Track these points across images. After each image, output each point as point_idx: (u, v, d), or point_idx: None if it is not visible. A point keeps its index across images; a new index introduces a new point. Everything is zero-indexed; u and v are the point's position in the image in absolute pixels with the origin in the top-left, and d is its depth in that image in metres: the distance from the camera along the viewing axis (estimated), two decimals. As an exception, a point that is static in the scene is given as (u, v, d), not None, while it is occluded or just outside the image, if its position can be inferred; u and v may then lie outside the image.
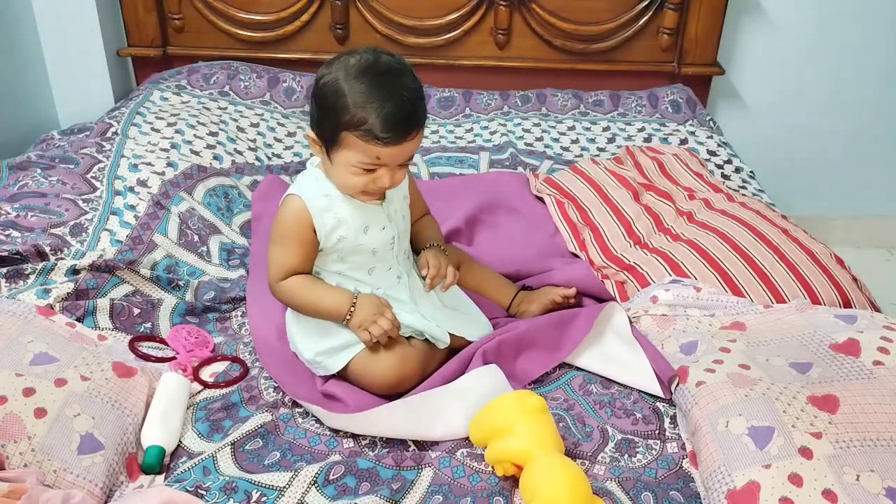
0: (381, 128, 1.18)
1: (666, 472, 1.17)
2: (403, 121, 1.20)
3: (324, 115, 1.24)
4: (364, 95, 1.19)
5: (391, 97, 1.19)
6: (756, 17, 2.50)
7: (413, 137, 1.22)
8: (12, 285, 1.43)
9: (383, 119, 1.18)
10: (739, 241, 1.61)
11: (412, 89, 1.22)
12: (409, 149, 1.24)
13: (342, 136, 1.22)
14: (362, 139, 1.20)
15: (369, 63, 1.22)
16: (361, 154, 1.21)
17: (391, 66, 1.23)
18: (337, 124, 1.21)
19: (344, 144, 1.22)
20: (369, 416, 1.20)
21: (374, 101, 1.18)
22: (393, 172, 1.24)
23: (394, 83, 1.21)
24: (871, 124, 2.68)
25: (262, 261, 1.64)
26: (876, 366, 1.20)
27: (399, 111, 1.19)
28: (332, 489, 1.09)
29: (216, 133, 2.09)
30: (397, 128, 1.19)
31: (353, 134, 1.20)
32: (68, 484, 1.07)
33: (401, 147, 1.21)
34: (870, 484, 1.04)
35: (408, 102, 1.20)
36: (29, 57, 2.31)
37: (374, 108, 1.18)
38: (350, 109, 1.19)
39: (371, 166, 1.23)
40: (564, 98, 2.41)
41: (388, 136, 1.19)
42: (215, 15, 2.40)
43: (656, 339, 1.40)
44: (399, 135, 1.20)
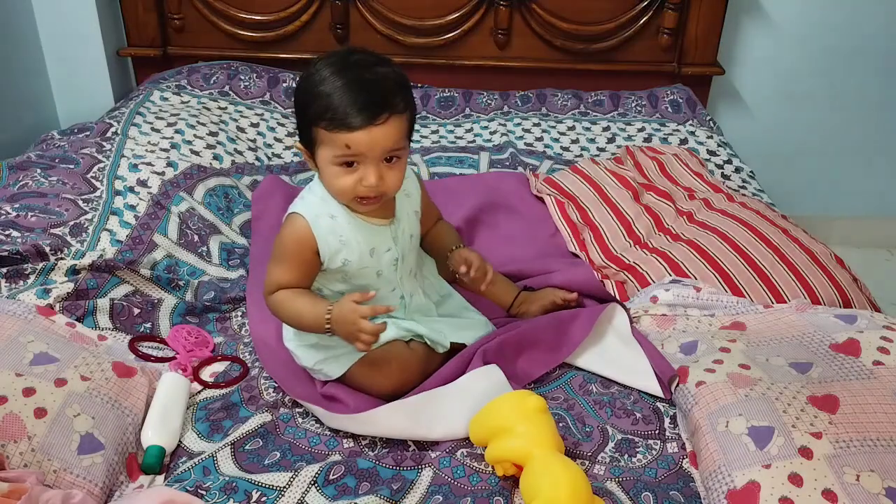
0: (343, 111, 1.14)
1: (666, 472, 1.17)
2: (369, 102, 1.14)
3: (299, 116, 1.22)
4: (330, 83, 1.16)
5: (355, 80, 1.15)
6: (756, 17, 2.50)
7: (383, 122, 1.15)
8: (12, 285, 1.43)
9: (346, 101, 1.14)
10: (739, 241, 1.61)
11: (382, 73, 1.17)
12: (381, 136, 1.16)
13: (314, 132, 1.18)
14: (329, 128, 1.16)
15: (339, 57, 1.19)
16: (332, 146, 1.17)
17: (363, 58, 1.20)
18: (308, 121, 1.18)
19: (318, 142, 1.19)
20: (369, 417, 1.20)
21: (337, 87, 1.15)
22: (377, 168, 1.18)
23: (361, 70, 1.17)
24: (871, 124, 2.68)
25: (262, 261, 1.64)
26: (876, 366, 1.20)
27: (362, 92, 1.14)
28: (332, 489, 1.09)
29: (216, 133, 2.09)
30: (362, 110, 1.13)
31: (321, 126, 1.16)
32: (68, 484, 1.07)
33: (369, 132, 1.15)
34: (870, 484, 1.04)
35: (374, 84, 1.15)
36: (29, 57, 2.31)
37: (336, 93, 1.14)
38: (317, 101, 1.16)
39: (346, 158, 1.17)
40: (564, 98, 2.41)
41: (352, 119, 1.13)
42: (215, 15, 2.40)
43: (656, 339, 1.40)
44: (365, 118, 1.14)
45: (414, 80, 2.44)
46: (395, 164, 1.21)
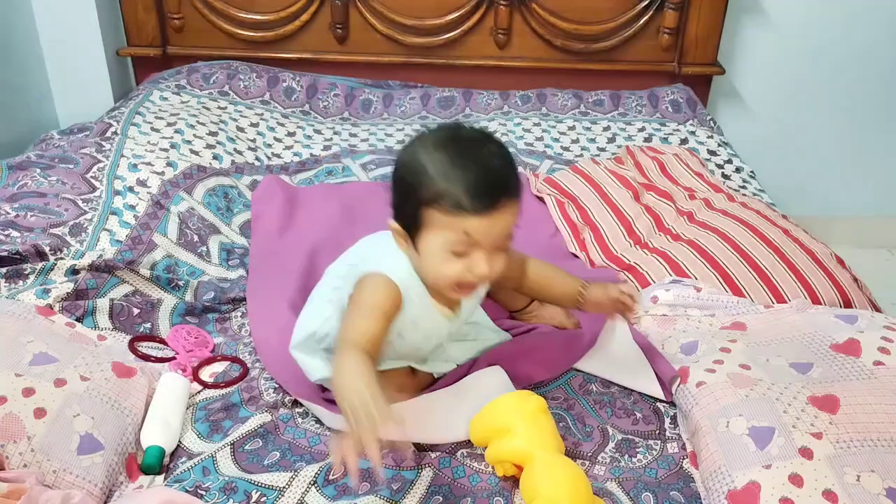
0: (467, 194, 1.03)
1: (666, 473, 1.17)
2: (492, 186, 1.05)
3: (403, 197, 1.10)
4: (446, 164, 1.05)
5: (477, 161, 1.06)
6: (756, 17, 2.50)
7: (506, 207, 1.06)
8: (12, 285, 1.43)
9: (469, 184, 1.04)
10: (740, 240, 1.61)
11: (500, 155, 1.09)
12: (502, 223, 1.07)
13: (424, 214, 1.07)
14: (447, 213, 1.04)
15: (449, 134, 1.10)
16: (448, 232, 1.06)
17: (474, 134, 1.12)
18: (418, 202, 1.07)
19: (428, 225, 1.07)
20: None
21: (457, 167, 1.05)
22: (490, 257, 1.08)
23: (478, 149, 1.08)
24: (872, 124, 2.68)
25: (261, 261, 1.64)
26: (876, 366, 1.20)
27: (487, 175, 1.05)
28: (332, 489, 1.09)
29: (216, 133, 2.09)
30: (486, 194, 1.04)
31: (436, 209, 1.05)
32: (68, 484, 1.07)
33: (492, 219, 1.05)
34: (870, 484, 1.03)
35: (496, 167, 1.07)
36: (29, 57, 2.31)
37: (457, 175, 1.04)
38: (431, 182, 1.05)
39: (462, 247, 1.07)
40: (565, 98, 2.41)
41: (476, 203, 1.03)
42: (215, 15, 2.40)
43: (657, 340, 1.40)
44: (489, 202, 1.04)
45: (414, 79, 2.47)
46: (503, 253, 1.11)
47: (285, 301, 1.47)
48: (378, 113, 2.37)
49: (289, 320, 1.42)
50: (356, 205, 1.85)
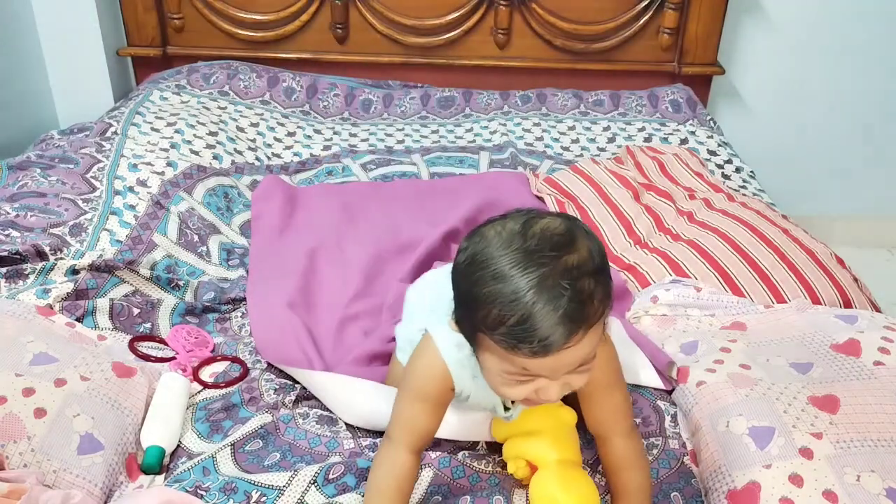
0: (523, 336, 0.84)
1: (667, 472, 1.16)
2: (563, 322, 0.84)
3: (457, 303, 0.94)
4: (501, 283, 0.85)
5: (542, 289, 0.84)
6: (756, 17, 2.50)
7: (576, 342, 0.86)
8: (12, 285, 1.43)
9: (533, 321, 0.84)
10: (740, 240, 1.61)
11: (576, 268, 0.86)
12: (571, 357, 0.88)
13: (479, 336, 0.91)
14: (501, 346, 0.87)
15: (516, 233, 0.88)
16: (504, 362, 0.90)
17: (551, 237, 0.87)
18: (471, 320, 0.90)
19: (483, 347, 0.92)
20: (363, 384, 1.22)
21: (513, 293, 0.84)
22: (561, 384, 0.92)
23: (549, 265, 0.85)
24: (872, 124, 2.68)
25: (261, 261, 1.64)
26: (876, 366, 1.20)
27: (551, 311, 0.83)
28: (332, 488, 1.09)
29: (216, 133, 2.09)
30: (553, 335, 0.84)
31: (492, 338, 0.88)
32: (68, 484, 1.07)
33: (558, 356, 0.86)
34: (870, 484, 1.03)
35: (568, 296, 0.84)
36: (29, 57, 2.31)
37: (513, 305, 0.84)
38: (483, 304, 0.86)
39: (523, 377, 0.91)
40: (564, 98, 2.41)
41: (535, 346, 0.85)
42: (215, 15, 2.40)
43: (657, 339, 1.40)
44: (555, 342, 0.85)
45: (414, 80, 2.47)
46: (584, 370, 0.93)
47: (285, 301, 1.47)
48: (378, 113, 2.37)
49: (288, 320, 1.43)
50: (356, 205, 1.85)
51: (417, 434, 1.03)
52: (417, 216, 1.80)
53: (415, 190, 1.95)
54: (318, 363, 1.35)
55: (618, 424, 1.08)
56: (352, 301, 1.53)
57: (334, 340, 1.43)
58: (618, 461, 1.08)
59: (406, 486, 1.03)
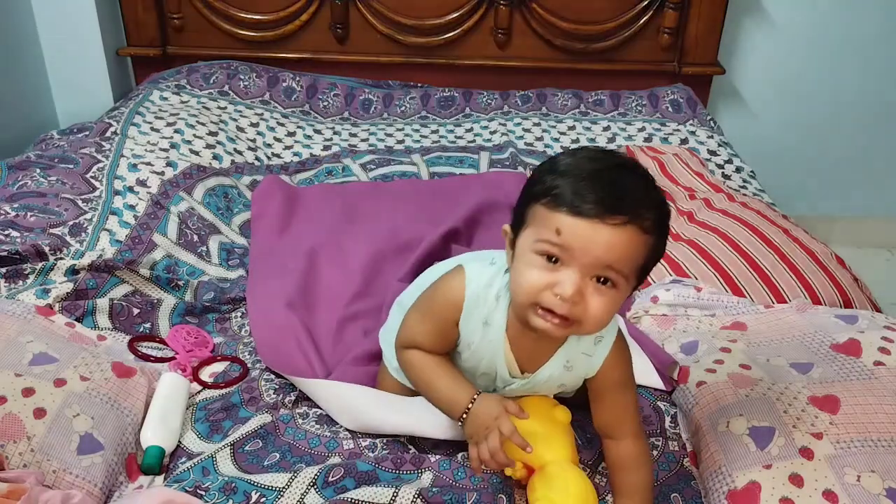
0: (574, 191, 0.90)
1: (667, 474, 1.16)
2: (610, 195, 0.89)
3: (521, 194, 0.99)
4: (573, 166, 0.93)
5: (599, 168, 0.92)
6: (756, 17, 2.50)
7: (615, 224, 0.89)
8: (12, 285, 1.43)
9: (583, 184, 0.90)
10: (740, 240, 1.61)
11: (633, 173, 0.94)
12: (605, 239, 0.89)
13: (529, 210, 0.95)
14: (548, 206, 0.92)
15: (591, 149, 0.99)
16: (542, 227, 0.92)
17: (616, 155, 0.98)
18: (528, 197, 0.96)
19: (529, 220, 0.95)
20: (364, 391, 1.22)
21: (581, 169, 0.92)
22: (580, 280, 0.91)
23: (610, 162, 0.94)
24: (872, 124, 2.68)
25: (261, 261, 1.64)
26: (877, 366, 1.20)
27: (609, 182, 0.90)
28: (331, 491, 1.09)
29: (216, 133, 2.09)
30: (598, 201, 0.89)
31: (541, 202, 0.93)
32: (68, 484, 1.07)
33: (593, 226, 0.89)
34: (870, 484, 1.03)
35: (627, 183, 0.91)
36: (29, 57, 2.31)
37: (576, 174, 0.91)
38: (547, 176, 0.94)
39: (550, 247, 0.91)
40: (565, 98, 2.41)
41: (579, 202, 0.89)
42: (215, 15, 2.40)
43: (657, 339, 1.40)
44: (596, 208, 0.89)
45: (414, 79, 2.47)
46: (606, 291, 0.92)
47: (284, 301, 1.47)
48: (378, 113, 2.37)
49: (288, 320, 1.43)
50: (356, 205, 1.85)
51: (418, 345, 1.09)
52: (417, 216, 1.79)
53: (415, 190, 1.95)
54: (317, 363, 1.35)
55: (627, 424, 1.09)
56: (351, 301, 1.52)
57: (334, 340, 1.43)
58: (624, 461, 1.09)
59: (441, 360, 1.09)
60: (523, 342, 1.06)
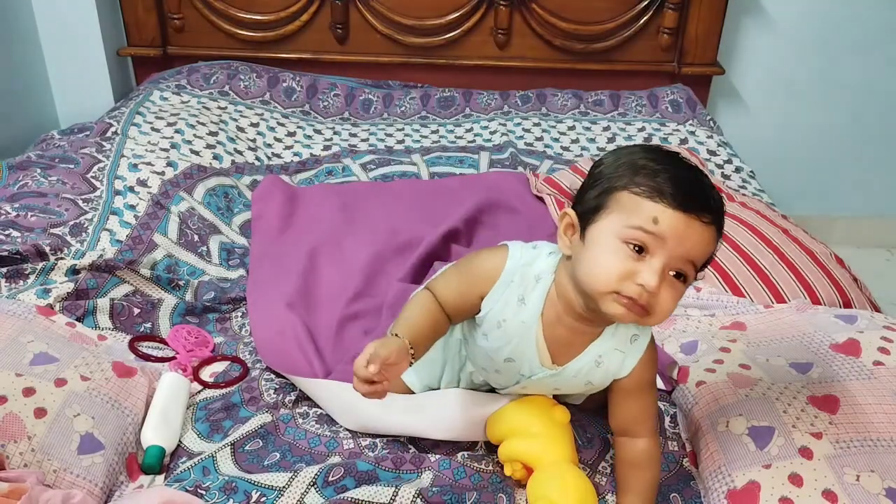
0: (672, 184, 0.92)
1: (666, 474, 1.16)
2: (700, 193, 0.93)
3: (593, 183, 0.99)
4: (657, 163, 0.95)
5: (689, 171, 0.96)
6: (756, 17, 2.50)
7: (705, 222, 0.92)
8: (12, 285, 1.43)
9: (678, 180, 0.93)
10: (739, 240, 1.61)
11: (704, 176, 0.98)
12: (696, 234, 0.92)
13: (614, 196, 0.95)
14: (643, 195, 0.93)
15: (660, 149, 1.01)
16: (633, 214, 0.92)
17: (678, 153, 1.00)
18: (610, 187, 0.96)
19: (612, 207, 0.95)
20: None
21: (664, 166, 0.94)
22: (664, 270, 0.92)
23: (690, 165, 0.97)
24: (871, 124, 2.68)
25: (261, 261, 1.64)
26: (876, 366, 1.20)
27: (697, 182, 0.94)
28: (332, 490, 1.09)
29: (216, 133, 2.09)
30: (692, 198, 0.92)
31: (632, 191, 0.93)
32: (68, 484, 1.07)
33: (689, 222, 0.91)
34: (870, 484, 1.03)
35: (702, 180, 0.96)
36: (29, 57, 2.31)
37: (664, 171, 0.93)
38: (635, 169, 0.95)
39: (642, 238, 0.92)
40: (564, 98, 2.41)
41: (678, 196, 0.91)
42: (215, 15, 2.40)
43: (656, 339, 1.40)
44: (692, 204, 0.92)
45: (414, 80, 2.48)
46: (678, 285, 0.94)
47: (284, 301, 1.47)
48: (378, 113, 2.37)
49: (288, 320, 1.43)
50: (356, 205, 1.85)
51: (443, 297, 1.05)
52: (417, 216, 1.80)
53: (415, 190, 1.95)
54: (317, 363, 1.35)
55: (645, 424, 1.10)
56: (352, 300, 1.53)
57: (334, 340, 1.43)
58: (636, 459, 1.10)
59: (432, 308, 1.05)
60: (557, 330, 1.04)
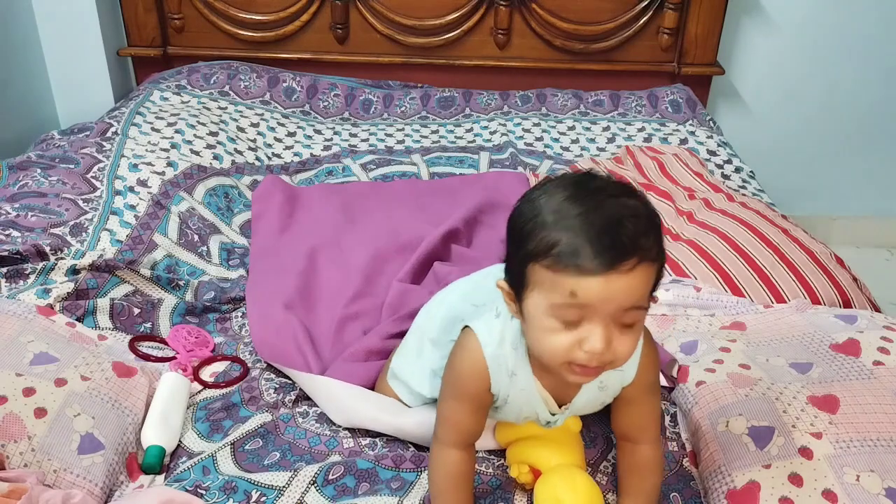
0: (576, 247, 0.84)
1: (667, 475, 1.16)
2: (614, 241, 0.84)
3: (511, 248, 0.93)
4: (559, 212, 0.86)
5: (598, 210, 0.85)
6: (756, 17, 2.50)
7: (627, 270, 0.84)
8: (12, 285, 1.43)
9: (581, 236, 0.84)
10: (739, 240, 1.61)
11: (633, 206, 0.87)
12: (622, 288, 0.85)
13: (528, 270, 0.89)
14: (552, 268, 0.86)
15: (574, 179, 0.91)
16: (552, 291, 0.87)
17: (608, 183, 0.90)
18: (524, 256, 0.89)
19: (532, 283, 0.89)
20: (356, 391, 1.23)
21: (571, 216, 0.85)
22: (607, 330, 0.87)
23: (605, 198, 0.87)
24: (871, 124, 2.68)
25: (261, 261, 1.64)
26: (876, 366, 1.20)
27: (607, 227, 0.84)
28: (332, 489, 1.09)
29: (216, 133, 2.09)
30: (604, 251, 0.83)
31: (542, 264, 0.86)
32: (68, 484, 1.07)
33: (607, 280, 0.84)
34: (870, 484, 1.04)
35: (622, 219, 0.85)
36: (29, 57, 2.31)
37: (568, 223, 0.85)
38: (540, 230, 0.87)
39: (569, 313, 0.87)
40: (564, 98, 2.41)
41: (586, 259, 0.84)
42: (215, 15, 2.40)
43: (656, 339, 1.40)
44: (605, 261, 0.83)
45: (414, 80, 2.47)
46: (631, 330, 0.89)
47: (283, 301, 1.47)
48: (378, 113, 2.37)
49: (286, 320, 1.43)
50: (356, 205, 1.85)
51: (462, 433, 1.04)
52: (417, 216, 1.80)
53: (415, 190, 1.95)
54: (314, 363, 1.35)
55: (649, 430, 1.08)
56: (351, 300, 1.53)
57: (333, 340, 1.43)
58: (639, 465, 1.09)
59: (462, 481, 1.05)
60: (553, 378, 1.02)
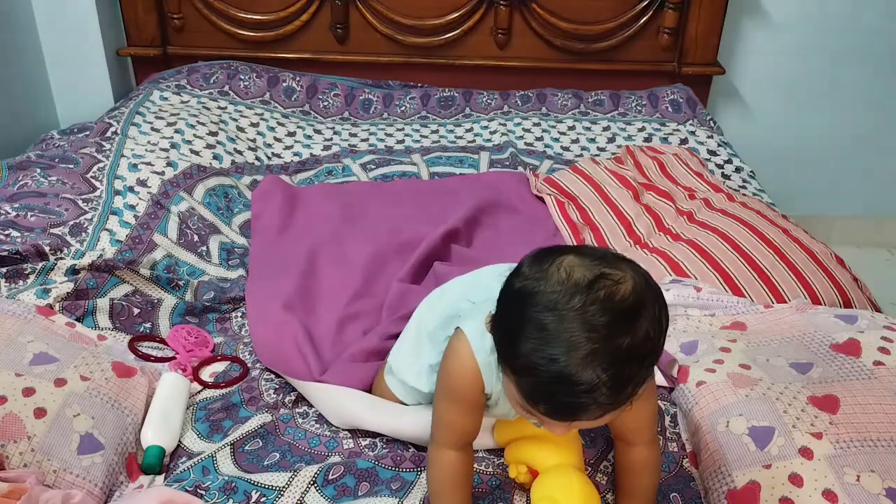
0: (547, 397, 0.84)
1: (666, 475, 1.16)
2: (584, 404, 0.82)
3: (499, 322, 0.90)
4: (546, 340, 0.81)
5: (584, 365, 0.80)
6: (756, 17, 2.50)
7: (597, 417, 0.85)
8: (12, 285, 1.43)
9: (554, 386, 0.82)
10: (740, 240, 1.61)
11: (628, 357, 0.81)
12: (588, 424, 0.88)
13: (508, 368, 0.88)
14: (523, 393, 0.86)
15: (581, 287, 0.82)
16: (522, 400, 0.87)
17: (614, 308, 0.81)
18: (504, 350, 0.88)
19: (510, 377, 0.88)
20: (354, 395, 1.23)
21: (554, 357, 0.81)
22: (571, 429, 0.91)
23: (600, 343, 0.80)
24: (871, 124, 2.68)
25: (261, 261, 1.64)
26: (876, 366, 1.20)
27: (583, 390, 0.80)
28: (332, 489, 1.09)
29: (216, 133, 2.09)
30: (571, 409, 0.83)
31: (515, 382, 0.86)
32: (68, 484, 1.07)
33: (573, 423, 0.88)
34: (870, 484, 1.03)
35: (606, 382, 0.80)
36: (29, 57, 2.31)
37: (549, 366, 0.81)
38: (521, 347, 0.83)
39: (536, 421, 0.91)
40: (564, 98, 2.41)
41: (554, 411, 0.85)
42: (215, 15, 2.40)
43: (656, 339, 1.40)
44: (571, 415, 0.85)
45: (414, 80, 2.47)
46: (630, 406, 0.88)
47: (283, 301, 1.47)
48: (378, 113, 2.37)
49: (286, 320, 1.43)
50: (356, 204, 1.85)
51: (458, 434, 1.05)
52: (417, 216, 1.80)
53: (415, 190, 1.95)
54: (314, 363, 1.34)
55: (643, 433, 1.07)
56: (351, 300, 1.53)
57: (333, 340, 1.43)
58: (635, 466, 1.09)
59: (461, 482, 1.06)
60: None
